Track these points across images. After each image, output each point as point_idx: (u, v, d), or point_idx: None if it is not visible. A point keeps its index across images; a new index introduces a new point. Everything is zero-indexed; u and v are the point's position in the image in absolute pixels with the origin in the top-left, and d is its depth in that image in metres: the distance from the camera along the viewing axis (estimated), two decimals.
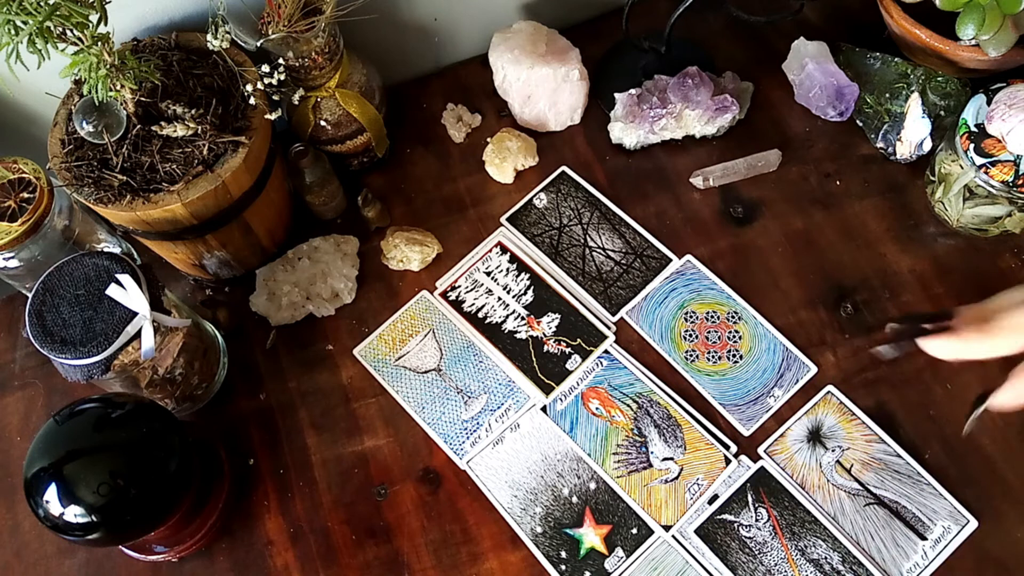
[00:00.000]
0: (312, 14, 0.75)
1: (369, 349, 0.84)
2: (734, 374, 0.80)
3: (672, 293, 0.84)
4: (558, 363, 0.82)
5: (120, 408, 0.66)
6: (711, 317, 0.82)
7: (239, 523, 0.78)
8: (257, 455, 0.81)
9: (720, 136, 0.91)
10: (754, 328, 0.81)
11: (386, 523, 0.77)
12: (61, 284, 0.68)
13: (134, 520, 0.64)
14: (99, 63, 0.66)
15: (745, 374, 0.80)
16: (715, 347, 0.81)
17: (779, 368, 0.80)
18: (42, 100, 0.75)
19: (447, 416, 0.81)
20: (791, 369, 0.79)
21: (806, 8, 0.95)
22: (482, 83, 0.97)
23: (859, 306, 0.82)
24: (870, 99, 0.89)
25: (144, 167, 0.72)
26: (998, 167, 0.75)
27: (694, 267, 0.85)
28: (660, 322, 0.83)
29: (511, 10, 0.98)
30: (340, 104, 0.84)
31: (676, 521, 0.75)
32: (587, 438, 0.78)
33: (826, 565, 0.71)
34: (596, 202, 0.89)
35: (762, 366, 0.80)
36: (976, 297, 0.81)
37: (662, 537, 0.74)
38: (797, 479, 0.75)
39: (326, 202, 0.88)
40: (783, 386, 0.79)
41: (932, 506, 0.73)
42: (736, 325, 0.82)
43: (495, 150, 0.91)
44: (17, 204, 0.75)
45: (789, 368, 0.80)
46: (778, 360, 0.80)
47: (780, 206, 0.87)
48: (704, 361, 0.81)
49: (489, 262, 0.87)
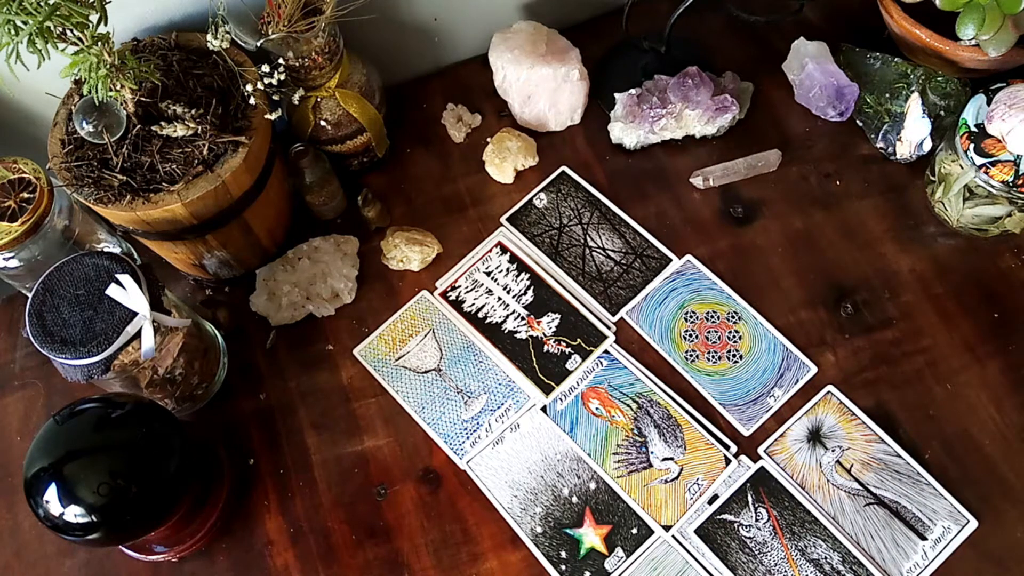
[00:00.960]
0: (312, 14, 0.75)
1: (369, 349, 0.84)
2: (734, 374, 0.80)
3: (672, 293, 0.84)
4: (558, 363, 0.82)
5: (120, 408, 0.66)
6: (711, 317, 0.82)
7: (239, 523, 0.78)
8: (257, 455, 0.81)
9: (720, 136, 0.91)
10: (754, 328, 0.82)
11: (386, 523, 0.77)
12: (61, 284, 0.68)
13: (134, 520, 0.64)
14: (99, 63, 0.66)
15: (745, 374, 0.80)
16: (715, 347, 0.81)
17: (779, 368, 0.80)
18: (42, 100, 0.75)
19: (447, 416, 0.81)
20: (791, 369, 0.80)
21: (806, 8, 0.95)
22: (482, 83, 0.97)
23: (859, 306, 0.82)
24: (870, 99, 0.89)
25: (144, 167, 0.72)
26: (998, 167, 0.75)
27: (694, 267, 0.85)
28: (660, 322, 0.83)
29: (511, 10, 0.98)
30: (340, 104, 0.84)
31: (676, 521, 0.75)
32: (587, 438, 0.78)
33: (826, 565, 0.71)
34: (596, 202, 0.89)
35: (762, 366, 0.80)
36: (976, 297, 0.81)
37: (662, 537, 0.74)
38: (797, 479, 0.75)
39: (326, 202, 0.88)
40: (783, 386, 0.79)
41: (932, 506, 0.73)
42: (736, 325, 0.82)
43: (495, 150, 0.91)
44: (17, 204, 0.75)
45: (789, 368, 0.80)
46: (778, 360, 0.80)
47: (780, 206, 0.87)
48: (704, 361, 0.81)
49: (489, 262, 0.87)
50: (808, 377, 0.79)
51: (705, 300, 0.83)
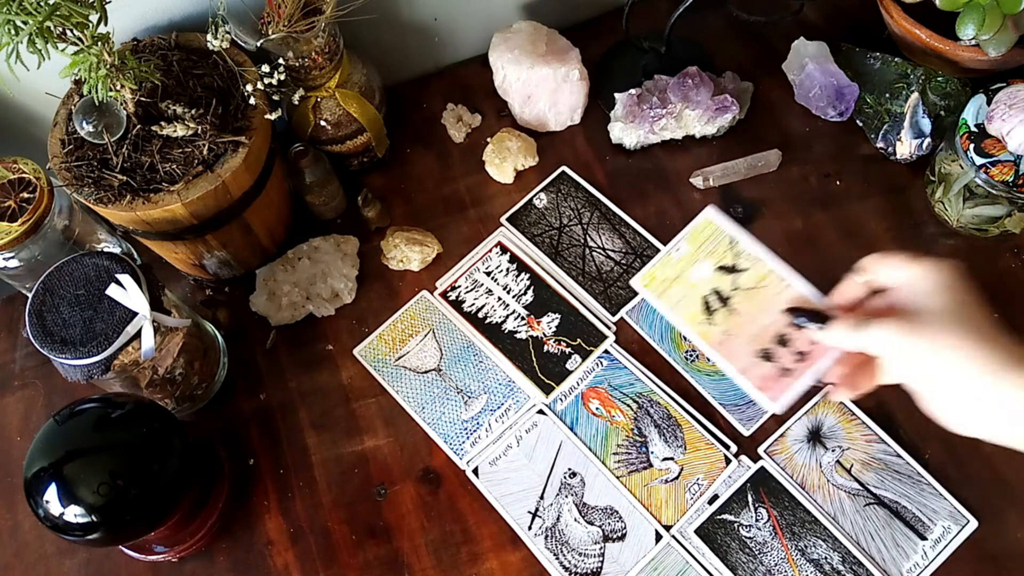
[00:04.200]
0: (312, 14, 0.75)
1: (369, 349, 0.84)
2: None
3: None
4: (558, 363, 0.82)
5: (120, 408, 0.66)
6: None
7: (239, 523, 0.78)
8: (257, 455, 0.81)
9: (720, 136, 0.91)
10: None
11: (386, 523, 0.77)
12: (61, 284, 0.68)
13: (134, 520, 0.64)
14: (99, 63, 0.66)
15: None
16: None
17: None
18: (42, 100, 0.75)
19: (447, 416, 0.81)
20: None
21: (806, 8, 0.95)
22: (482, 83, 0.97)
23: None
24: (870, 99, 0.89)
25: (144, 167, 0.72)
26: (998, 167, 0.75)
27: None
28: (660, 322, 0.83)
29: (511, 10, 0.98)
30: (340, 104, 0.84)
31: (676, 521, 0.75)
32: (587, 438, 0.78)
33: (826, 565, 0.71)
34: (596, 202, 0.89)
35: None
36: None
37: (662, 537, 0.74)
38: (797, 479, 0.75)
39: (326, 202, 0.88)
40: None
41: (932, 506, 0.73)
42: None
43: (495, 150, 0.91)
44: (17, 204, 0.75)
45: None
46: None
47: (780, 206, 0.87)
48: (704, 361, 0.81)
49: (489, 262, 0.87)
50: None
51: None
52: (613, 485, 0.76)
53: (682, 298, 0.65)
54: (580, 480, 0.77)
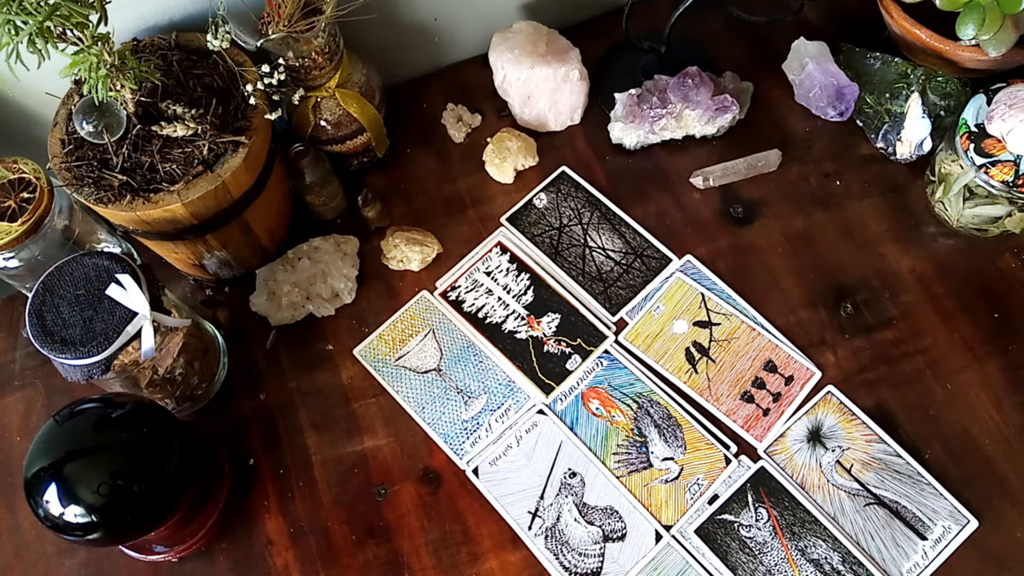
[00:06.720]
0: (312, 14, 0.75)
1: (369, 349, 0.84)
2: None
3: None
4: (558, 363, 0.82)
5: (120, 408, 0.66)
6: None
7: (239, 523, 0.78)
8: (257, 455, 0.81)
9: (720, 136, 0.91)
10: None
11: (386, 523, 0.77)
12: (61, 284, 0.68)
13: (134, 520, 0.64)
14: (99, 63, 0.66)
15: None
16: None
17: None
18: (42, 100, 0.75)
19: (447, 416, 0.81)
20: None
21: (806, 8, 0.95)
22: (482, 83, 0.97)
23: (859, 306, 0.82)
24: (870, 99, 0.89)
25: (144, 167, 0.72)
26: (998, 167, 0.75)
27: (694, 267, 0.85)
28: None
29: (511, 10, 0.98)
30: (340, 104, 0.84)
31: (676, 521, 0.75)
32: (587, 438, 0.78)
33: (826, 565, 0.71)
34: (596, 202, 0.89)
35: None
36: (976, 297, 0.81)
37: (662, 537, 0.74)
38: (797, 479, 0.75)
39: (326, 202, 0.88)
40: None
41: (932, 506, 0.73)
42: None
43: (495, 150, 0.91)
44: (17, 204, 0.75)
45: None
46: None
47: (780, 206, 0.87)
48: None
49: (489, 262, 0.87)
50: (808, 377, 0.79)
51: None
52: (613, 485, 0.76)
53: (666, 352, 0.77)
54: (580, 480, 0.77)
